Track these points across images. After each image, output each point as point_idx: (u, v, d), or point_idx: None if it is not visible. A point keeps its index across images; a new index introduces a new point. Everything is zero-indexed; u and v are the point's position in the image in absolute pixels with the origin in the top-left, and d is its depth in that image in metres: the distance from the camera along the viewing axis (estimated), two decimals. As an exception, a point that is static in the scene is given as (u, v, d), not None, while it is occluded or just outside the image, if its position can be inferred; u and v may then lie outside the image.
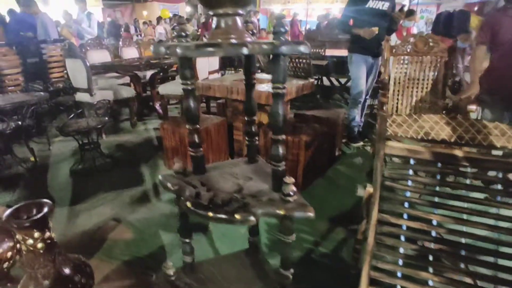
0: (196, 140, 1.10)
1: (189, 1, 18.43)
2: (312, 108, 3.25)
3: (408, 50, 2.75)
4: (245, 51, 0.83)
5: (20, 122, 2.92)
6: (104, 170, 2.84)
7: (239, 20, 0.96)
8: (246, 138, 1.27)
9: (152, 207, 2.30)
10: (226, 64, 6.43)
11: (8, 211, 1.20)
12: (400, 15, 3.33)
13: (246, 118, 1.25)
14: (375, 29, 2.93)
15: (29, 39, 4.35)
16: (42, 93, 3.10)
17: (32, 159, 3.05)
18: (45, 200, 1.23)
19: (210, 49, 0.85)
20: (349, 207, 2.29)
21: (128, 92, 3.82)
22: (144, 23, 11.25)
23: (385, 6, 2.99)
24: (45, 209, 1.18)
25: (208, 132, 2.64)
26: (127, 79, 4.71)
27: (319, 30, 9.32)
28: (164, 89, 3.77)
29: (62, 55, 3.95)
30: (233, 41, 0.90)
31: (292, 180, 0.96)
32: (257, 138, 1.28)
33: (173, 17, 10.48)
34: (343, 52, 4.37)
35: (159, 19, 9.72)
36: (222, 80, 2.94)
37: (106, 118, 2.88)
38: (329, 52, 5.80)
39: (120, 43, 5.15)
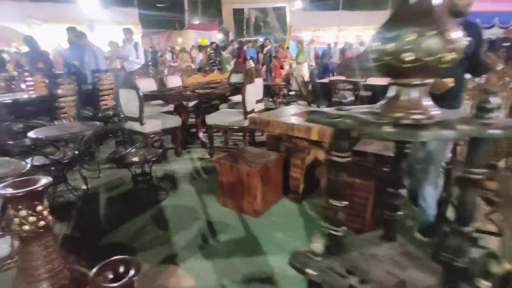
0: (340, 217, 0.96)
1: (221, 28, 19.13)
2: (367, 143, 3.08)
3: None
4: (452, 135, 0.69)
5: (76, 152, 2.93)
6: (155, 203, 2.77)
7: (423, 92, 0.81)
8: (387, 213, 1.11)
9: (212, 250, 2.16)
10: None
11: (95, 269, 1.12)
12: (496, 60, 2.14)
13: (390, 190, 1.10)
14: (450, 81, 1.91)
15: (82, 67, 4.54)
16: (97, 122, 3.13)
17: (84, 187, 3.04)
18: (132, 258, 1.14)
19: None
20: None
21: (176, 121, 3.81)
22: (181, 50, 11.65)
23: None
24: (132, 271, 1.08)
25: (267, 169, 2.52)
26: (171, 107, 4.76)
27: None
28: (212, 119, 3.74)
29: (115, 84, 4.04)
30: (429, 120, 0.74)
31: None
32: (399, 212, 1.11)
33: (210, 44, 10.81)
34: (382, 81, 4.17)
35: (200, 47, 10.01)
36: (279, 114, 2.85)
37: (160, 151, 2.84)
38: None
39: (166, 71, 5.27)
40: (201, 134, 4.37)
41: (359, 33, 15.85)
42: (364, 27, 14.92)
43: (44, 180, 1.27)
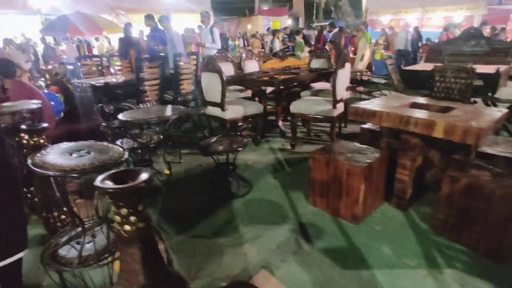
0: None
1: (291, 14, 18.55)
2: (494, 144, 2.48)
3: None
4: None
5: (161, 136, 2.89)
6: (239, 195, 2.58)
7: None
8: None
9: (306, 258, 1.89)
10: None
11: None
12: None
13: None
14: None
15: (164, 52, 4.58)
16: (181, 107, 3.04)
17: (167, 172, 3.00)
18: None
19: None
20: None
21: (258, 108, 3.59)
22: (253, 35, 11.50)
23: None
24: None
25: (371, 169, 2.14)
26: (248, 93, 4.58)
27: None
28: (296, 107, 3.43)
29: (199, 68, 3.94)
30: None
31: None
32: None
33: (283, 29, 10.45)
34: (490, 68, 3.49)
35: (274, 31, 9.71)
36: (384, 104, 2.42)
37: (247, 140, 2.63)
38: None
39: (243, 55, 5.09)
40: (280, 123, 4.11)
41: (449, 14, 13.98)
42: (457, 6, 13.07)
43: (145, 175, 1.09)
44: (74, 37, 10.42)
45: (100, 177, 1.10)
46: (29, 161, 1.20)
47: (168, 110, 2.89)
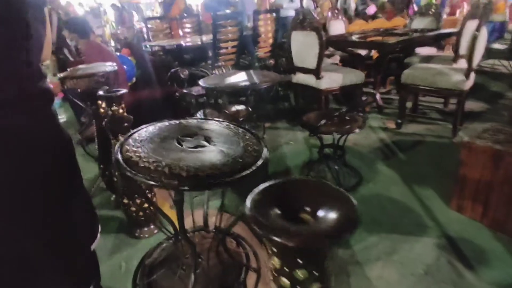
0: None
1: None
2: None
3: None
4: None
5: (250, 108, 2.41)
6: (350, 188, 2.04)
7: None
8: None
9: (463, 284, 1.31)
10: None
11: None
12: None
13: None
14: None
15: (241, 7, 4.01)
16: (274, 73, 2.52)
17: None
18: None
19: None
20: None
21: (358, 76, 2.91)
22: (322, -4, 10.32)
23: None
24: None
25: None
26: (335, 59, 3.88)
27: None
28: (410, 76, 2.69)
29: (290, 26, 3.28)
30: None
31: None
32: None
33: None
34: None
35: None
36: None
37: (364, 117, 2.02)
38: None
39: (329, 14, 4.33)
40: (378, 96, 3.39)
41: None
42: None
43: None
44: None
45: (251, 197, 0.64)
46: (119, 156, 0.76)
47: (258, 77, 2.37)
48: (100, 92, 1.68)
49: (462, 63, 2.70)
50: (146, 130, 0.88)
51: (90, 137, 2.09)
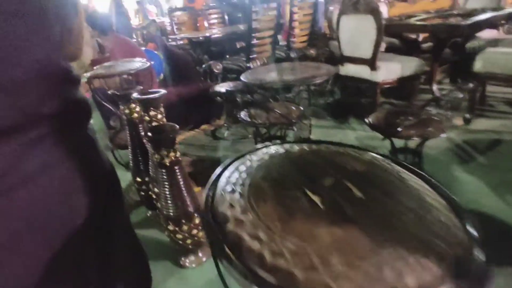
0: None
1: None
2: None
3: None
4: None
5: (301, 107, 2.07)
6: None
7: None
8: None
9: None
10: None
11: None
12: None
13: None
14: None
15: None
16: (328, 65, 2.16)
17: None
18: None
19: None
20: None
21: (418, 66, 2.52)
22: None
23: None
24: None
25: None
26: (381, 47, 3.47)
27: None
28: (489, 63, 2.27)
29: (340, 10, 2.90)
30: None
31: None
32: None
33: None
34: None
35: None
36: None
37: (447, 118, 1.66)
38: None
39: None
40: (435, 87, 2.97)
41: None
42: None
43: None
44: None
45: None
46: (216, 230, 0.45)
47: (308, 70, 2.03)
48: (135, 95, 1.40)
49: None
50: (243, 166, 0.56)
51: (122, 145, 1.83)
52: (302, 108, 1.96)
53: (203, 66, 2.92)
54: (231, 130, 2.78)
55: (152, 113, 1.39)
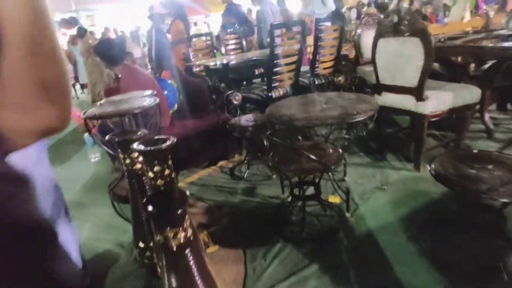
0: None
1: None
2: None
3: None
4: None
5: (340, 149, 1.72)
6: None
7: None
8: None
9: None
10: None
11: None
12: None
13: None
14: None
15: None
16: (368, 97, 1.82)
17: (348, 215, 1.85)
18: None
19: None
20: None
21: (473, 94, 2.13)
22: (363, 4, 9.57)
23: None
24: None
25: None
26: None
27: None
28: None
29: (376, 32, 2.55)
30: None
31: None
32: None
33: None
34: None
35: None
36: None
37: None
38: None
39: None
40: (486, 117, 2.57)
41: None
42: None
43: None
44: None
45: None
46: None
47: (347, 103, 1.70)
48: (136, 145, 1.08)
49: None
50: None
51: (124, 197, 1.51)
52: (341, 151, 1.61)
53: (222, 96, 2.63)
54: (252, 169, 2.44)
55: (157, 168, 1.07)
